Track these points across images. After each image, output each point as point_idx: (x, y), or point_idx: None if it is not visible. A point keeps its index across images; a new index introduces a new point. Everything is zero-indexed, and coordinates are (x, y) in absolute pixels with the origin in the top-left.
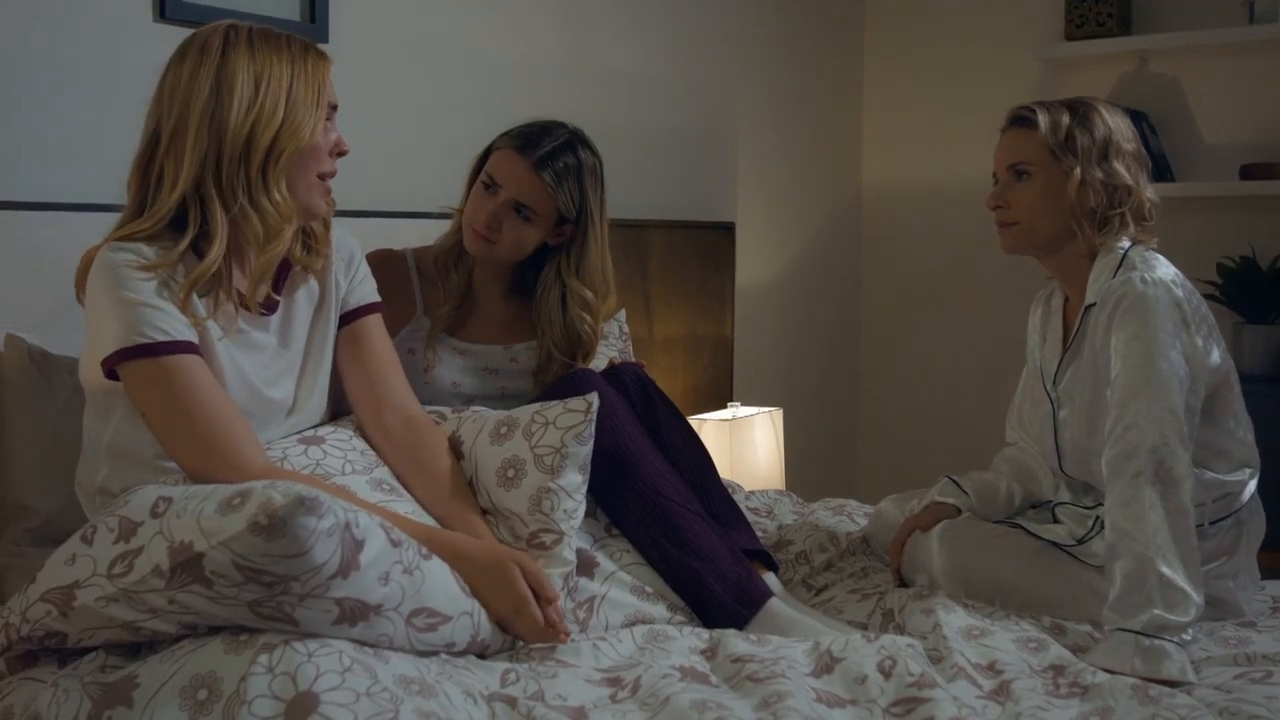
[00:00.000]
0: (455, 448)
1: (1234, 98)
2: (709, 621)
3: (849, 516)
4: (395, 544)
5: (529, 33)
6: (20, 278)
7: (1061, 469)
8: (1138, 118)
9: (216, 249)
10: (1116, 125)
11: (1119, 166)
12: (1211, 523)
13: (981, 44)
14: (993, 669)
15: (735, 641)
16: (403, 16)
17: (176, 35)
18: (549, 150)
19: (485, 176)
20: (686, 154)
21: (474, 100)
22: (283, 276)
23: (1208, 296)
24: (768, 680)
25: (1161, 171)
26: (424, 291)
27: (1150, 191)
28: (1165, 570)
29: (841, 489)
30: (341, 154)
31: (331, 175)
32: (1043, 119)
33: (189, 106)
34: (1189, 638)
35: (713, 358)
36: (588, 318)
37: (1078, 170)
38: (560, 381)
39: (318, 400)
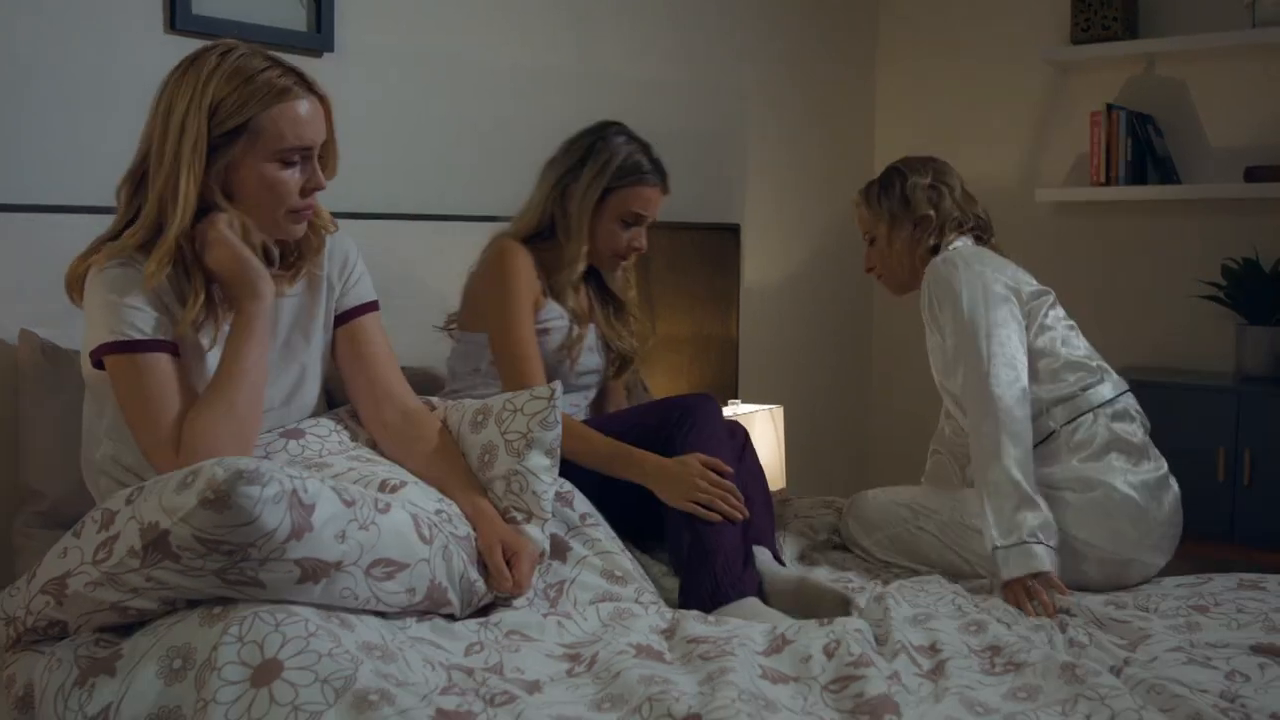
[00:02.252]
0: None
1: (1239, 100)
2: (686, 597)
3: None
4: (349, 503)
5: (533, 40)
6: (34, 276)
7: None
8: (1144, 120)
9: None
10: (912, 175)
11: (921, 203)
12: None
13: (990, 47)
14: (933, 649)
15: (693, 624)
16: (407, 26)
17: (187, 45)
18: (659, 168)
19: (626, 215)
20: (693, 157)
21: (478, 107)
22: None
23: (1211, 298)
24: (717, 659)
25: (1167, 174)
26: (548, 283)
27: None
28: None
29: (847, 488)
30: (315, 190)
31: (300, 210)
32: (863, 200)
33: (170, 128)
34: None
35: (717, 357)
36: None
37: (899, 228)
38: (675, 400)
39: (301, 398)
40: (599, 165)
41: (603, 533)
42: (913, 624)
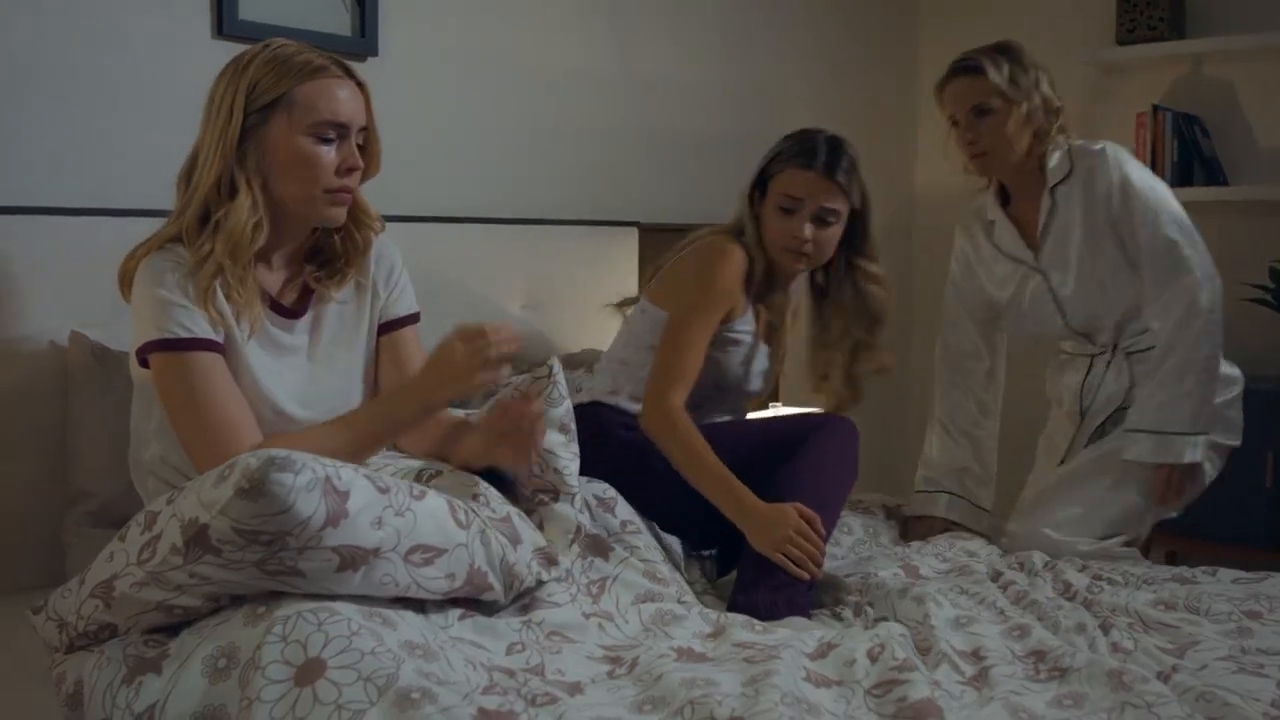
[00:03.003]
0: None
1: None
2: (744, 595)
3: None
4: (383, 490)
5: (576, 43)
6: (83, 278)
7: (1066, 324)
8: (1191, 121)
9: (202, 251)
10: (1035, 59)
11: (1048, 91)
12: None
13: (1033, 48)
14: (976, 655)
15: (741, 630)
16: (450, 29)
17: (234, 50)
18: (827, 156)
19: (783, 201)
20: (733, 160)
21: (522, 110)
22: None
23: (1258, 301)
24: (762, 662)
25: (1214, 175)
26: (749, 292)
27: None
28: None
29: (889, 491)
30: (351, 170)
31: (340, 190)
32: (990, 66)
33: (211, 118)
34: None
35: None
36: (878, 289)
37: (1024, 104)
38: (814, 417)
39: (338, 401)
40: (773, 153)
41: (643, 540)
42: (954, 627)
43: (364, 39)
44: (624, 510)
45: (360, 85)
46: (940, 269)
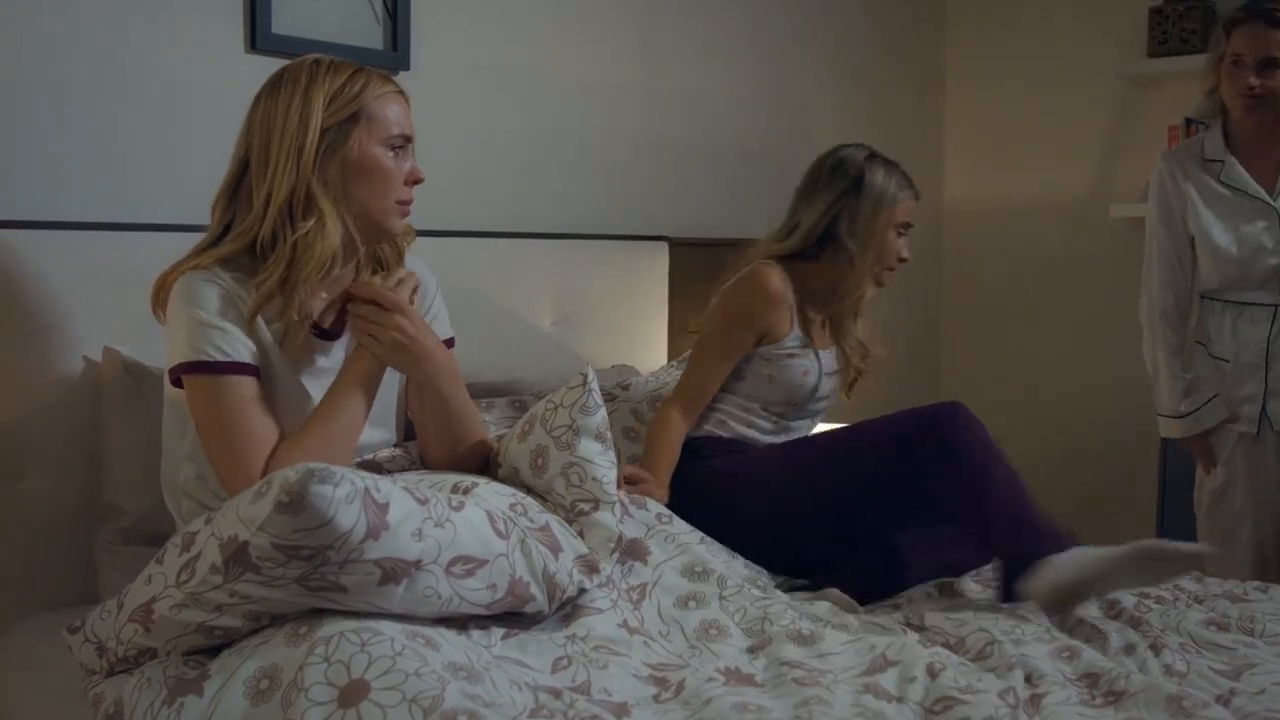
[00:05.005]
0: (494, 459)
1: None
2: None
3: None
4: (422, 501)
5: (607, 58)
6: (116, 293)
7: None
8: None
9: (276, 272)
10: None
11: None
12: None
13: (1063, 61)
14: (1029, 680)
15: (785, 645)
16: (481, 44)
17: (267, 64)
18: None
19: (900, 226)
20: (762, 173)
21: (551, 124)
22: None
23: None
24: (810, 685)
25: None
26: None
27: None
28: None
29: None
30: (417, 182)
31: (407, 202)
32: None
33: (276, 135)
34: None
35: None
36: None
37: None
38: (923, 409)
39: (372, 423)
40: (876, 184)
41: (679, 526)
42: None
43: (396, 53)
44: (656, 504)
45: (406, 98)
46: (970, 279)
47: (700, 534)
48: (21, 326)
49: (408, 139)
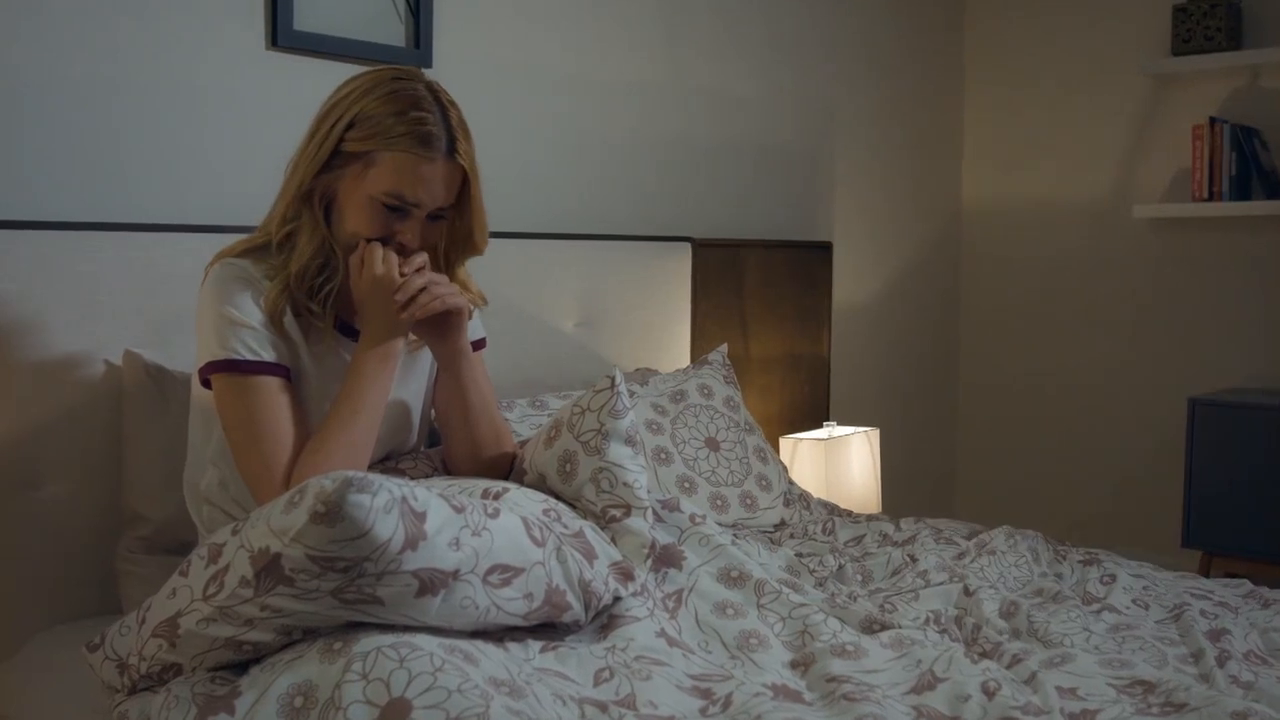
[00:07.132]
0: (519, 465)
1: None
2: None
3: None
4: (459, 509)
5: (630, 55)
6: (137, 296)
7: None
8: (1249, 133)
9: (283, 268)
10: None
11: None
12: None
13: (1086, 59)
14: (1075, 694)
15: (830, 659)
16: (504, 41)
17: (288, 62)
18: None
19: None
20: (784, 174)
21: (574, 123)
22: None
23: None
24: (862, 701)
25: (1273, 189)
26: None
27: None
28: None
29: (938, 511)
30: (400, 246)
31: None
32: None
33: (314, 135)
34: None
35: (809, 377)
36: None
37: None
38: None
39: (399, 423)
40: None
41: (713, 527)
42: (1048, 668)
43: (418, 50)
44: (689, 505)
45: (461, 168)
46: (989, 280)
47: (731, 534)
48: (41, 329)
49: (413, 205)
